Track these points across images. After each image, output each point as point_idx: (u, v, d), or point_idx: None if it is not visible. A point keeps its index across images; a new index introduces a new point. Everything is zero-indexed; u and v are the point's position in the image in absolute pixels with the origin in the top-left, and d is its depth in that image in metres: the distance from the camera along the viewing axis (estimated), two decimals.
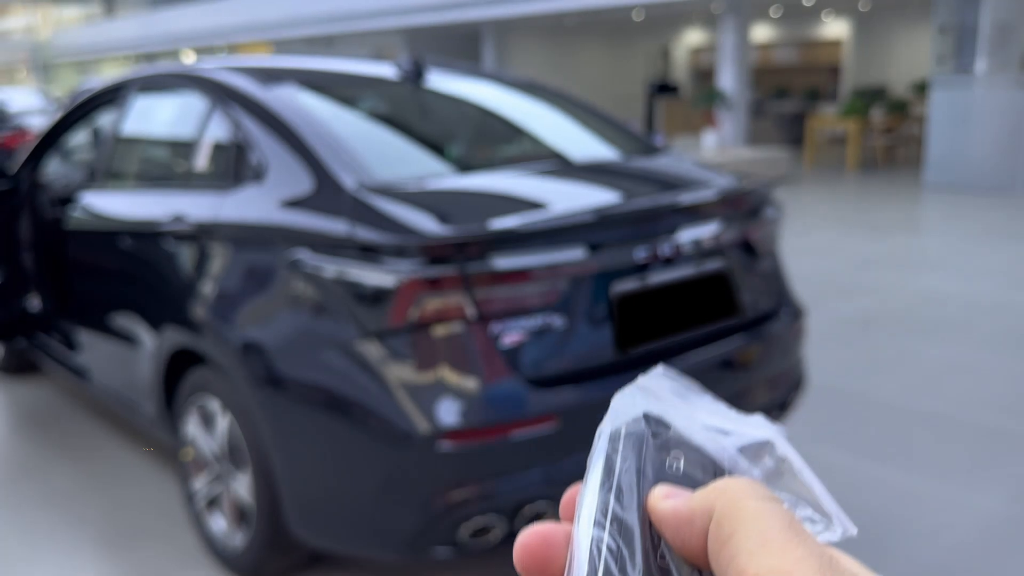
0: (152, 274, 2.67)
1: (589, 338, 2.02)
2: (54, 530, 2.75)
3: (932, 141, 10.99)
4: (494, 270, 1.88)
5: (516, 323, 1.90)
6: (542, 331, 1.93)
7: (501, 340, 1.87)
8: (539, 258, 1.93)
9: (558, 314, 1.95)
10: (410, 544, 1.95)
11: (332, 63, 3.19)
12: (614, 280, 2.06)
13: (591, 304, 2.02)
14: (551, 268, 1.94)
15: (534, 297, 1.92)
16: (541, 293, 1.93)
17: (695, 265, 2.25)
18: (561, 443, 1.95)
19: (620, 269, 2.07)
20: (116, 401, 3.05)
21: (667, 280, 2.18)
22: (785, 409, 2.61)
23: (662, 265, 2.16)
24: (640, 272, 2.11)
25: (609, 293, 2.05)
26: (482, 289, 1.86)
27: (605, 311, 2.05)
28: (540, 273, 1.92)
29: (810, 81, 21.07)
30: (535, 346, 1.92)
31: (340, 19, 19.08)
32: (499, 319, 1.88)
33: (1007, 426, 3.41)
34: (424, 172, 2.38)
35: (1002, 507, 2.77)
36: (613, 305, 2.06)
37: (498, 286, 1.88)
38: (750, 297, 2.40)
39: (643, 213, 2.19)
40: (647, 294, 2.14)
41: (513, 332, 1.89)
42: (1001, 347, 4.41)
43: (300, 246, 2.09)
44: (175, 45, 25.42)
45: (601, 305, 2.05)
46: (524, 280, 1.91)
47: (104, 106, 3.33)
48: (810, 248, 7.05)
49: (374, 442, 1.92)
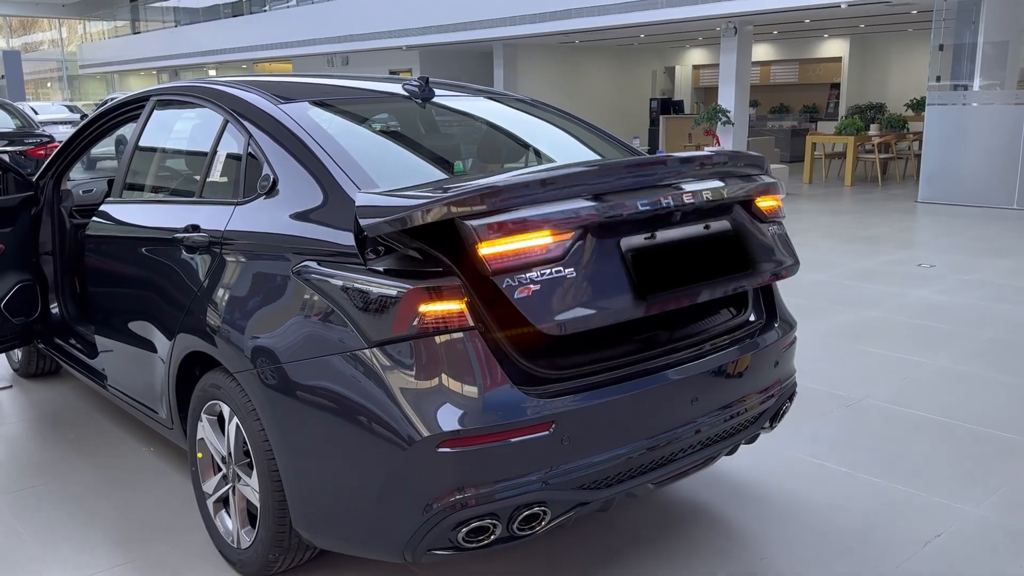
0: (166, 281, 2.76)
1: (607, 287, 2.05)
2: (68, 529, 2.83)
3: (927, 157, 11.11)
4: (502, 223, 1.91)
5: (529, 275, 1.92)
6: (558, 281, 1.96)
7: (516, 293, 1.90)
8: (545, 210, 1.97)
9: (572, 266, 1.99)
10: (409, 545, 2.02)
11: (343, 81, 3.29)
12: (623, 236, 2.11)
13: (603, 256, 2.06)
14: (557, 221, 1.97)
15: (545, 250, 1.95)
16: (551, 246, 1.96)
17: (702, 225, 2.30)
18: (558, 448, 2.03)
19: (627, 222, 2.11)
20: (131, 404, 3.15)
21: (676, 237, 2.23)
22: (777, 419, 2.69)
23: (669, 224, 2.20)
24: (648, 229, 2.16)
25: (620, 248, 2.10)
26: (491, 244, 1.89)
27: (619, 263, 2.09)
28: (547, 225, 1.95)
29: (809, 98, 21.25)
30: (552, 295, 1.95)
31: (357, 38, 19.56)
32: (511, 273, 1.91)
33: (998, 435, 3.48)
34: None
35: (992, 515, 2.84)
36: (626, 259, 2.10)
37: (507, 239, 1.91)
38: (761, 255, 2.43)
39: (644, 165, 2.24)
40: (658, 249, 2.18)
41: (528, 284, 1.92)
42: (992, 358, 4.49)
43: (308, 256, 2.18)
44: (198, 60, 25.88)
45: (613, 258, 2.08)
46: (532, 232, 1.94)
47: (124, 119, 3.45)
48: (807, 261, 7.10)
49: (376, 446, 1.99)
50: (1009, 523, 2.79)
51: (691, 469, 2.42)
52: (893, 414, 3.73)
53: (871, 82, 20.32)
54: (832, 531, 2.75)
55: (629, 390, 2.14)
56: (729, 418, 2.40)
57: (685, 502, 2.95)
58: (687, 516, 2.86)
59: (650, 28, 15.52)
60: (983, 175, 10.66)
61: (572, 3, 14.88)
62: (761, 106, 21.26)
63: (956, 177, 10.84)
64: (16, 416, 3.90)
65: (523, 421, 1.98)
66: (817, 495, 2.99)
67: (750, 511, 2.88)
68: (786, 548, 2.66)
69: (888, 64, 20.17)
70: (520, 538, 2.09)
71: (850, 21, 16.53)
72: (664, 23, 14.31)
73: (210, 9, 26.18)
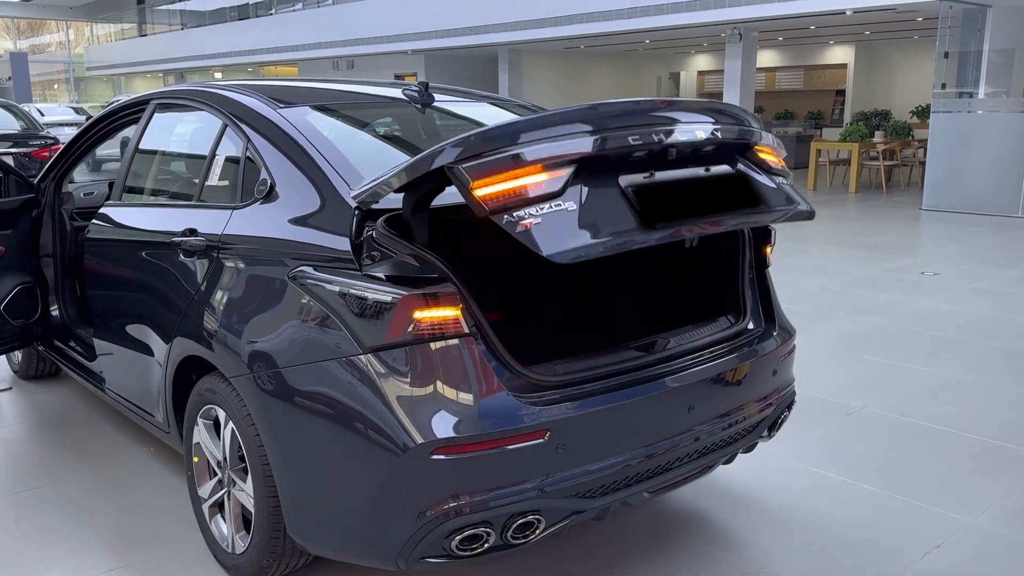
0: (164, 285, 2.76)
1: (611, 218, 1.95)
2: (65, 532, 2.82)
3: (932, 165, 11.09)
4: (493, 162, 1.85)
5: (528, 211, 1.84)
6: (559, 215, 1.87)
7: (517, 228, 1.81)
8: (537, 147, 1.89)
9: (572, 200, 1.89)
10: (403, 553, 2.01)
11: (343, 85, 3.29)
12: (622, 175, 2.02)
13: (604, 192, 1.97)
14: (550, 157, 1.89)
15: (541, 186, 1.87)
16: (547, 181, 1.88)
17: (703, 168, 2.20)
18: (553, 456, 2.02)
19: (624, 161, 2.02)
20: (128, 408, 3.15)
21: (676, 177, 2.12)
22: (776, 428, 2.68)
23: (667, 165, 2.10)
24: (646, 169, 2.06)
25: (620, 184, 2.00)
26: (484, 185, 1.83)
27: (620, 198, 1.98)
28: (540, 162, 1.87)
29: (815, 104, 21.23)
30: (555, 227, 1.85)
31: (362, 42, 19.66)
32: (509, 210, 1.83)
33: (999, 446, 3.47)
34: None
35: (992, 527, 2.82)
36: (627, 194, 2.00)
37: (500, 177, 1.84)
38: (769, 197, 2.29)
39: (637, 106, 2.14)
40: (659, 187, 2.07)
41: (527, 219, 1.83)
42: (994, 367, 4.47)
43: (304, 261, 2.18)
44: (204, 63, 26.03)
45: (614, 194, 1.98)
46: (525, 168, 1.87)
47: (125, 122, 3.46)
48: (810, 268, 7.13)
49: (369, 452, 1.99)
50: (1009, 535, 2.77)
51: (688, 478, 2.41)
52: (894, 423, 3.72)
53: (876, 89, 20.31)
54: (830, 541, 2.73)
55: (625, 398, 2.14)
56: (726, 427, 2.39)
57: (683, 510, 2.94)
58: (685, 524, 2.85)
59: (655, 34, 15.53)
60: (988, 183, 10.64)
61: (577, 8, 14.92)
62: (766, 112, 21.25)
63: (961, 185, 10.82)
64: (16, 418, 3.90)
65: (518, 429, 1.97)
66: (816, 505, 2.97)
67: (748, 520, 2.87)
68: (784, 558, 2.65)
69: (893, 71, 20.15)
70: (514, 546, 2.08)
71: (855, 28, 16.53)
72: (669, 29, 14.32)
73: (216, 12, 26.30)
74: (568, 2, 15.04)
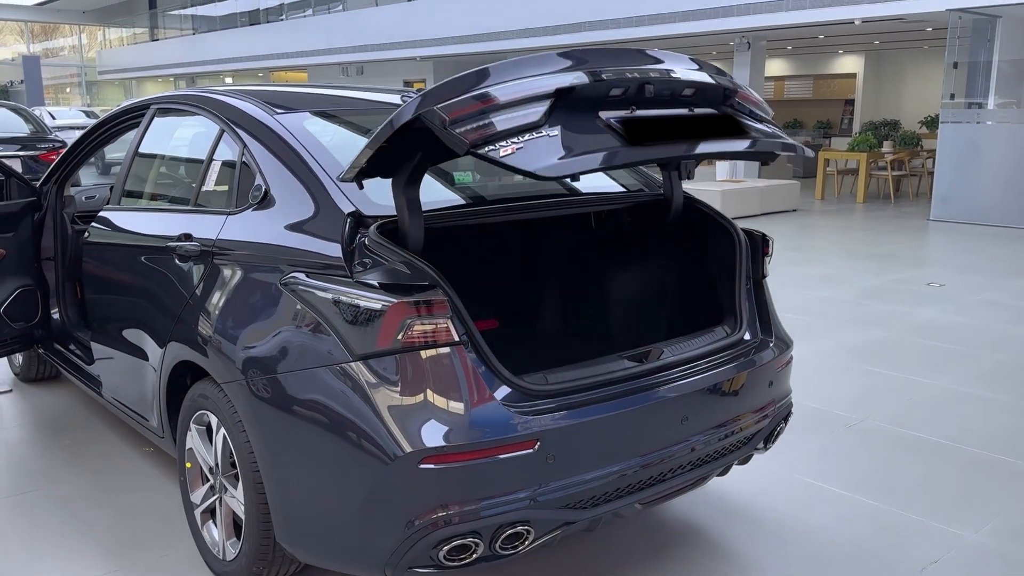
0: (159, 290, 2.76)
1: (596, 140, 1.90)
2: (59, 536, 2.82)
3: (940, 175, 11.04)
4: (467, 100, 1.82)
5: (510, 140, 1.80)
6: (542, 140, 1.83)
7: (500, 154, 1.77)
8: (512, 85, 1.86)
9: (555, 128, 1.85)
10: (391, 562, 1.99)
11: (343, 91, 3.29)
12: (603, 110, 1.97)
13: (586, 122, 1.92)
14: (526, 91, 1.85)
15: (520, 116, 1.83)
16: (526, 112, 1.84)
17: (686, 109, 2.14)
18: (543, 466, 2.00)
19: (603, 99, 1.97)
20: (124, 412, 3.14)
21: (658, 113, 2.06)
22: (772, 441, 2.65)
23: (648, 104, 2.05)
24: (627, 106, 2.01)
25: (601, 118, 1.95)
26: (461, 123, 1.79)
27: (603, 127, 1.94)
28: (517, 96, 1.84)
29: (824, 114, 21.17)
30: (540, 148, 1.81)
31: (371, 48, 19.75)
32: (489, 141, 1.78)
33: (1000, 460, 3.43)
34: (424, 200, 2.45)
35: (991, 542, 2.79)
36: (611, 124, 1.95)
37: (476, 112, 1.81)
38: (755, 132, 2.23)
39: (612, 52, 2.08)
40: (642, 119, 2.01)
41: (510, 146, 1.79)
42: (999, 380, 4.43)
43: (296, 268, 2.17)
44: (215, 68, 26.19)
45: (596, 124, 1.94)
46: (501, 102, 1.83)
47: (126, 126, 3.47)
48: (816, 278, 7.09)
49: (358, 460, 1.97)
50: (1008, 550, 2.74)
51: (680, 490, 2.39)
52: (895, 436, 3.68)
53: (886, 99, 20.25)
54: (828, 555, 2.70)
55: (616, 408, 2.12)
56: (720, 439, 2.37)
57: (679, 521, 2.91)
58: (682, 536, 2.82)
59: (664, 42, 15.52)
60: (997, 194, 10.58)
61: (584, 16, 14.93)
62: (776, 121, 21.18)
63: (969, 196, 10.76)
64: (15, 421, 3.91)
65: (507, 439, 1.95)
66: (814, 517, 2.94)
67: (745, 532, 2.84)
68: (781, 571, 2.62)
69: (903, 81, 20.09)
70: (503, 557, 2.06)
71: (864, 37, 16.49)
72: (678, 37, 14.32)
73: (227, 17, 26.45)
74: (576, 10, 15.07)
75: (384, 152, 1.97)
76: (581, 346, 2.98)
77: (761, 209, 11.36)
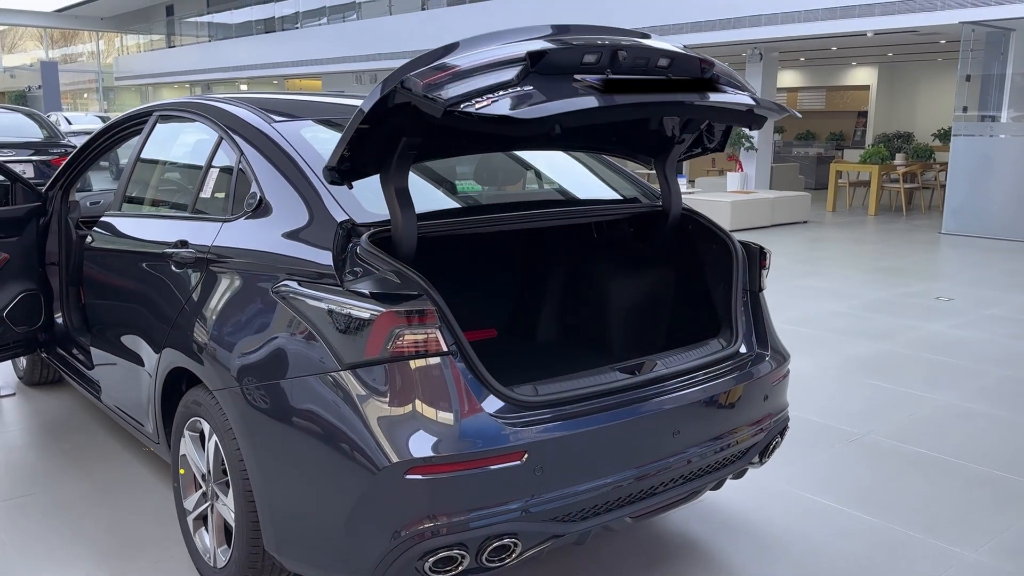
0: (155, 296, 2.77)
1: (572, 92, 1.91)
2: (54, 541, 2.83)
3: (953, 189, 10.96)
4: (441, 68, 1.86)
5: (487, 96, 1.82)
6: (517, 93, 1.84)
7: (475, 107, 1.78)
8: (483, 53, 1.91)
9: (529, 86, 1.87)
10: (376, 573, 1.99)
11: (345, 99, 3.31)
12: (577, 74, 1.97)
13: (560, 81, 1.93)
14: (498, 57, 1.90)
15: (495, 77, 1.86)
16: (500, 73, 1.87)
17: (662, 76, 2.14)
18: (531, 479, 1.99)
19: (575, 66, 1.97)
20: (122, 417, 3.16)
21: (633, 77, 2.06)
22: (767, 455, 2.63)
23: (622, 71, 2.04)
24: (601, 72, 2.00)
25: (576, 78, 1.96)
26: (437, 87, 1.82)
27: (577, 86, 1.94)
28: (490, 60, 1.89)
29: (837, 126, 21.10)
30: (516, 99, 1.82)
31: (385, 56, 19.90)
32: (465, 100, 1.80)
33: (1002, 476, 3.39)
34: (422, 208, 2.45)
35: (990, 561, 2.75)
36: (587, 82, 1.96)
37: (452, 76, 1.84)
38: (734, 97, 2.21)
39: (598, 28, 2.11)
40: (617, 80, 2.01)
41: (485, 100, 1.80)
42: (1004, 396, 4.38)
43: (288, 276, 2.18)
44: (230, 75, 26.43)
45: (571, 84, 1.94)
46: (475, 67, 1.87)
47: (129, 133, 3.49)
48: (824, 290, 7.05)
49: (345, 469, 1.97)
50: (1007, 570, 2.70)
51: (672, 503, 2.37)
52: (895, 451, 3.65)
53: (899, 111, 20.16)
54: (824, 571, 2.67)
55: (606, 420, 2.11)
56: (713, 452, 2.35)
57: (675, 535, 2.89)
58: (677, 550, 2.80)
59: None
60: (1009, 208, 10.49)
61: None
62: (787, 132, 21.14)
63: (982, 209, 10.68)
64: (17, 424, 3.93)
65: (494, 450, 1.94)
66: (812, 533, 2.91)
67: (742, 547, 2.82)
68: None
69: (916, 93, 20.00)
70: (489, 570, 2.05)
71: (878, 49, 16.43)
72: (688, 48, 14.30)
73: (243, 25, 26.67)
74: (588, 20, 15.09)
75: (367, 142, 1.99)
76: (577, 357, 2.97)
77: (771, 220, 11.31)
